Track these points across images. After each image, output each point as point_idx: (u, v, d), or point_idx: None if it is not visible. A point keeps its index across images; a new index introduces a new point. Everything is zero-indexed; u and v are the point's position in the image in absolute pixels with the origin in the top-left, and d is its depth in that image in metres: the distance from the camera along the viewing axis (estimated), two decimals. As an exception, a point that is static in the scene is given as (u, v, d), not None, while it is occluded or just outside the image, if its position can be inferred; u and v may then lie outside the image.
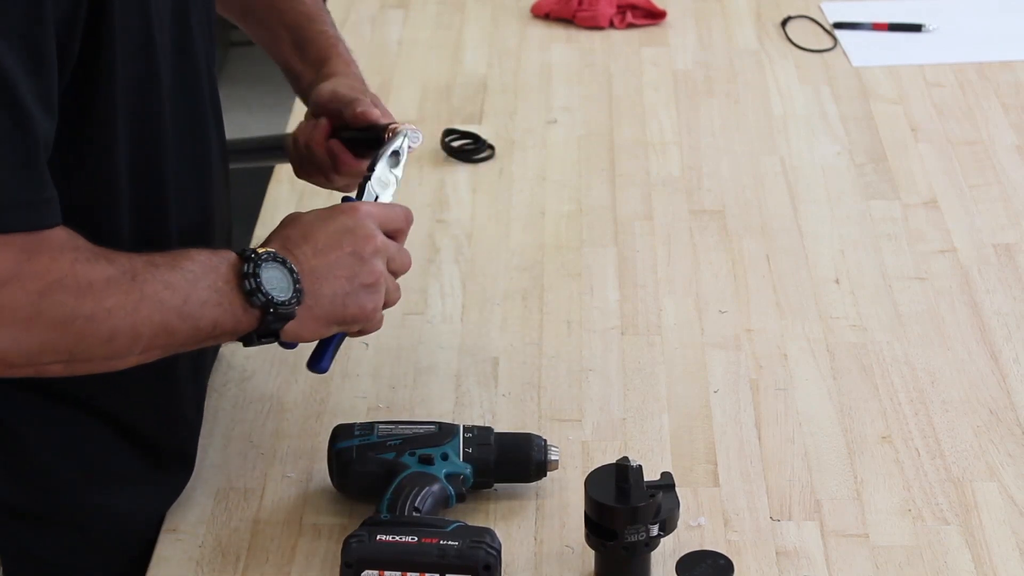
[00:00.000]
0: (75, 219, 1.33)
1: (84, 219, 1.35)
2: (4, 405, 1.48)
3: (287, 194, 2.09)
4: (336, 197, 1.61)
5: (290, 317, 1.40)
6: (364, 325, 1.48)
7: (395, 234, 1.51)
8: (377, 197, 1.55)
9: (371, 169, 1.57)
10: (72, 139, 1.36)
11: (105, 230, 1.39)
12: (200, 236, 1.53)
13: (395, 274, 1.50)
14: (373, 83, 2.37)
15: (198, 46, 1.52)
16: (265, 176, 2.14)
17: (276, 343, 1.45)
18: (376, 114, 1.63)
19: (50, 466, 1.51)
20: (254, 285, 1.38)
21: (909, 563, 1.51)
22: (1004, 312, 1.86)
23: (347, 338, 1.52)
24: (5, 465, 1.51)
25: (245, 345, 1.42)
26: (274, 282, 1.39)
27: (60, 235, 1.30)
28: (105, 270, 1.32)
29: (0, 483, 1.51)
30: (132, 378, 1.49)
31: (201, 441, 1.65)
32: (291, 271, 1.41)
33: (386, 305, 1.49)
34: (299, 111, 2.11)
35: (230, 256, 1.40)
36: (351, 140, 1.65)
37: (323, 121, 1.66)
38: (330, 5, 2.61)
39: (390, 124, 1.62)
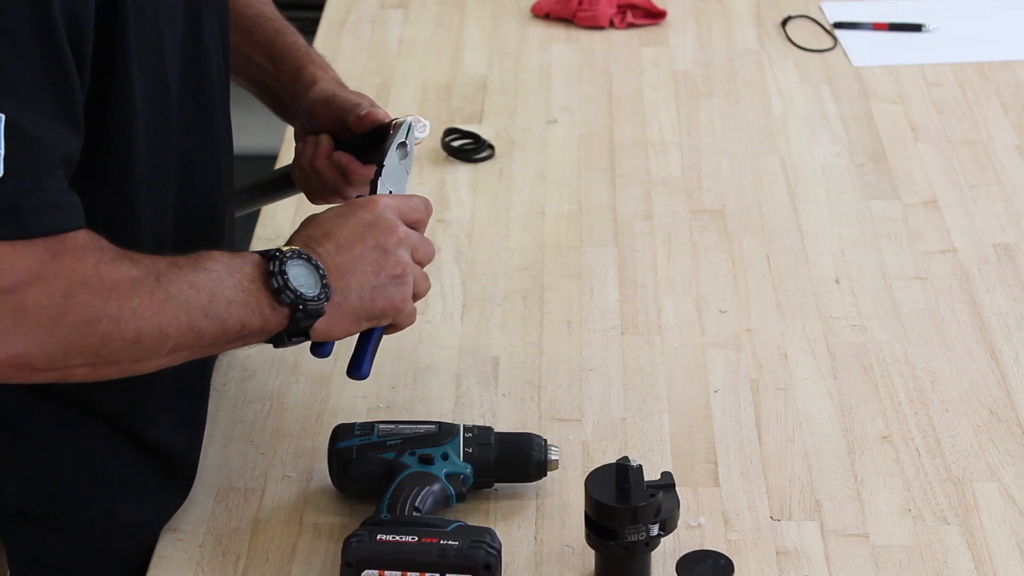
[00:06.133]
0: (96, 227, 1.33)
1: (104, 228, 1.35)
2: (14, 410, 1.49)
3: (287, 194, 2.09)
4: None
5: (319, 314, 1.40)
6: (395, 318, 1.47)
7: (415, 224, 1.50)
8: (390, 192, 1.55)
9: (380, 166, 1.56)
10: (92, 160, 1.36)
11: (124, 238, 1.39)
12: (212, 238, 1.53)
13: (420, 263, 1.49)
14: (373, 83, 2.38)
15: (211, 66, 1.52)
16: (265, 176, 2.14)
17: (309, 350, 1.45)
18: (382, 114, 1.62)
19: (59, 472, 1.51)
20: (281, 283, 1.37)
21: (909, 563, 1.51)
22: (1004, 312, 1.86)
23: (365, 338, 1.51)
24: (14, 470, 1.51)
25: (276, 346, 1.41)
26: (301, 279, 1.39)
27: (83, 237, 1.29)
28: (129, 271, 1.31)
29: (9, 487, 1.51)
30: (154, 397, 1.49)
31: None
32: (317, 267, 1.40)
33: (416, 296, 1.49)
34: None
35: (253, 257, 1.39)
36: (356, 147, 1.63)
37: (323, 138, 1.63)
38: (330, 5, 2.62)
39: (393, 120, 1.60)
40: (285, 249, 1.40)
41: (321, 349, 1.47)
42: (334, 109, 1.64)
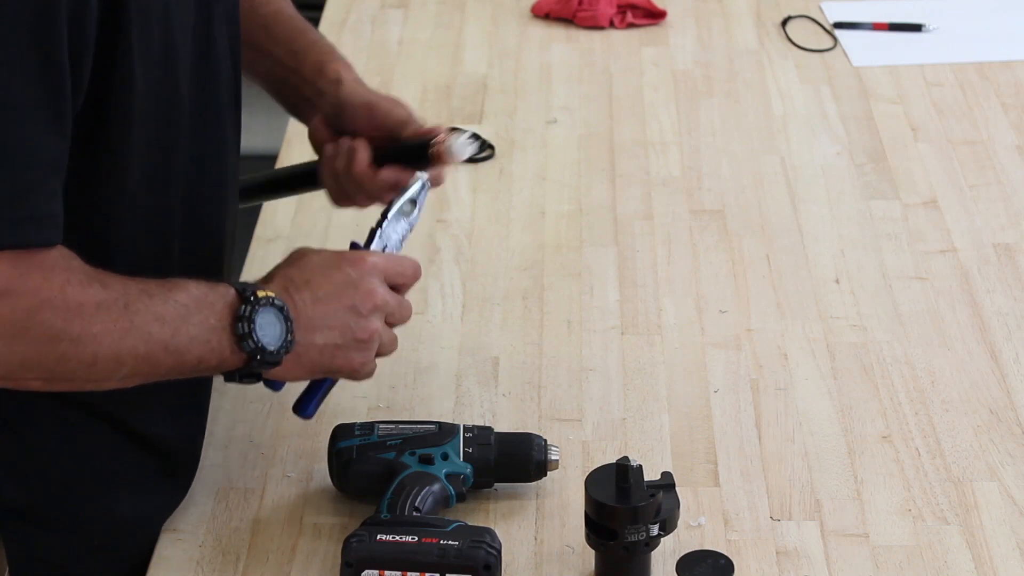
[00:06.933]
0: (88, 234, 1.33)
1: (97, 235, 1.35)
2: (14, 408, 1.49)
3: (287, 194, 2.09)
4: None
5: (276, 364, 1.41)
6: (349, 376, 1.49)
7: (399, 287, 1.51)
8: (386, 247, 1.55)
9: (384, 217, 1.56)
10: (87, 156, 1.36)
11: (117, 246, 1.39)
12: (212, 253, 1.54)
13: (393, 325, 1.50)
14: (373, 83, 2.36)
15: (221, 59, 1.51)
16: (265, 176, 2.13)
17: (260, 383, 1.45)
18: (439, 129, 1.60)
19: (59, 470, 1.52)
20: (246, 330, 1.38)
21: (909, 563, 1.51)
22: (1004, 312, 1.86)
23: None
24: (14, 468, 1.51)
25: (226, 381, 1.43)
26: (267, 328, 1.39)
27: (54, 255, 1.30)
28: (97, 294, 1.32)
29: (8, 485, 1.51)
30: (155, 394, 1.50)
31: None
32: (287, 318, 1.41)
33: (380, 354, 1.49)
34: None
35: (228, 294, 1.40)
36: (396, 156, 1.60)
37: (360, 145, 1.60)
38: (330, 5, 2.62)
39: (416, 175, 1.58)
40: (260, 295, 1.40)
41: (273, 384, 1.49)
42: (376, 119, 1.62)
